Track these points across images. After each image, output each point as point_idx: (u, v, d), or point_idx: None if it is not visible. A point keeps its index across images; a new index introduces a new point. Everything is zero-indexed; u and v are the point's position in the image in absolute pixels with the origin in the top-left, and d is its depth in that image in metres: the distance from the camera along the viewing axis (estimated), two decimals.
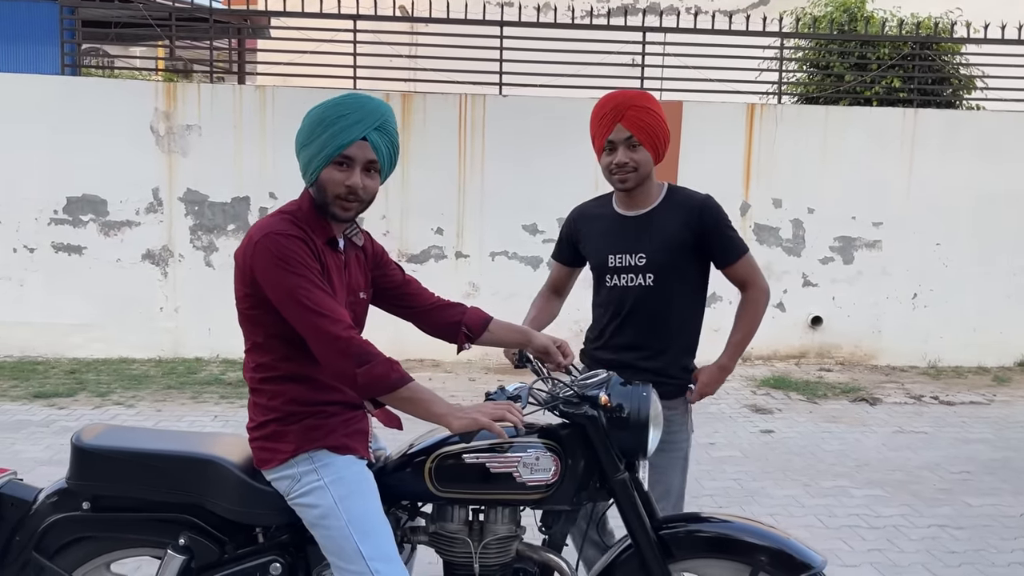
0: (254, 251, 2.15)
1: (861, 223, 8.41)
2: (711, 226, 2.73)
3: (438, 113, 8.03)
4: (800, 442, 5.82)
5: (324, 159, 2.20)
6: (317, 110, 2.23)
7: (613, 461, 2.33)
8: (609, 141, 2.70)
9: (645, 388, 2.40)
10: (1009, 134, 8.39)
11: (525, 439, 2.32)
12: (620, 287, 2.78)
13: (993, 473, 5.24)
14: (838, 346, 8.54)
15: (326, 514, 2.18)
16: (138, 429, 2.62)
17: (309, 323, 2.10)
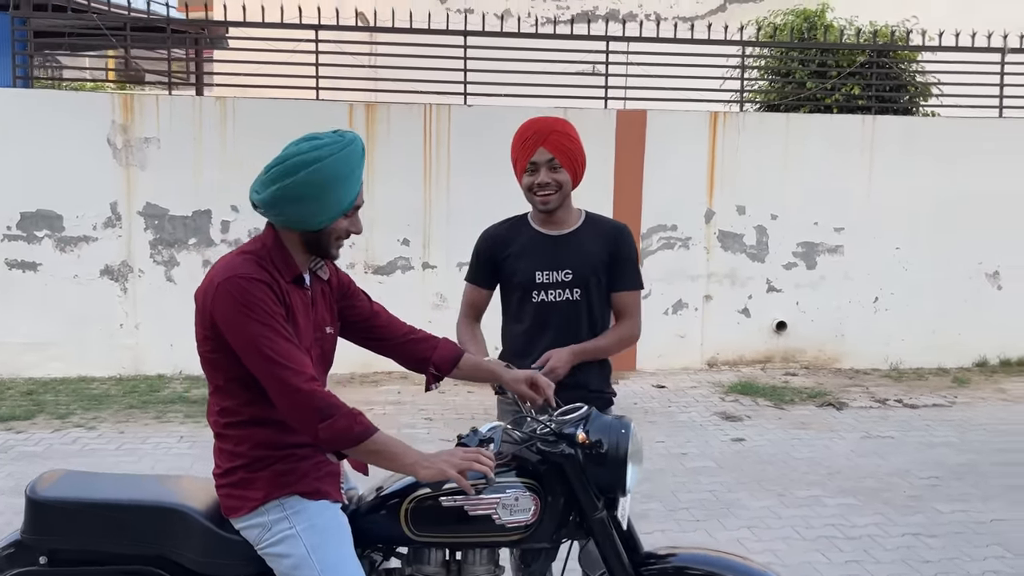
0: (215, 294, 2.08)
1: (823, 229, 8.51)
2: (625, 252, 2.97)
3: (403, 123, 7.97)
4: (771, 450, 5.86)
5: (341, 213, 2.17)
6: (327, 167, 2.10)
7: (591, 500, 2.30)
8: (532, 163, 2.86)
9: (624, 424, 2.37)
10: (965, 140, 8.55)
11: (504, 479, 2.27)
12: (548, 302, 2.93)
13: (961, 478, 5.32)
14: (803, 350, 8.64)
15: (298, 564, 2.12)
16: (98, 475, 2.50)
17: (270, 374, 2.04)
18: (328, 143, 2.14)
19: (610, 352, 2.97)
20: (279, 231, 2.21)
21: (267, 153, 8.65)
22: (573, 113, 8.11)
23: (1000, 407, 7.21)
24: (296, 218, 2.16)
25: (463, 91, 8.20)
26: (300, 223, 2.17)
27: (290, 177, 2.10)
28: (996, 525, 4.56)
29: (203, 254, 7.83)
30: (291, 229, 2.19)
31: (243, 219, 7.83)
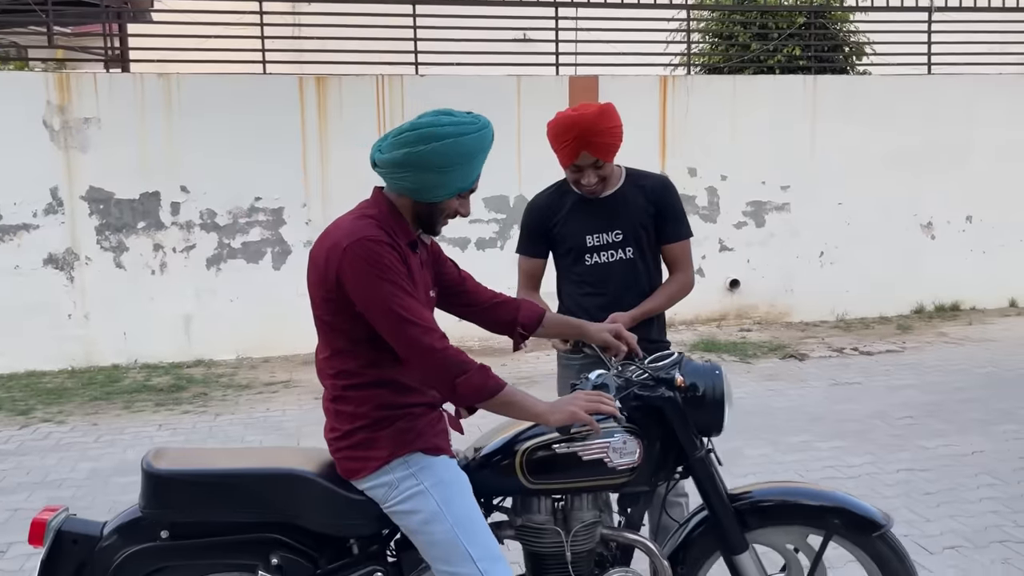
0: (343, 257, 2.05)
1: (771, 187, 8.76)
2: (670, 203, 3.01)
3: (355, 96, 7.81)
4: (751, 402, 6.04)
5: (457, 191, 2.18)
6: (461, 143, 2.09)
7: (691, 440, 2.38)
8: (575, 164, 2.87)
9: (716, 367, 2.46)
10: (898, 97, 8.90)
11: (608, 424, 2.31)
12: (601, 263, 2.97)
13: (933, 416, 5.60)
14: (755, 306, 8.90)
15: (429, 519, 2.12)
16: (204, 449, 2.46)
17: (404, 334, 2.05)
18: (466, 122, 2.12)
19: (668, 307, 3.04)
20: (392, 198, 2.19)
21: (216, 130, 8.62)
22: (526, 80, 8.11)
23: (946, 350, 7.59)
24: (415, 186, 2.14)
25: (414, 61, 8.08)
26: (417, 192, 2.15)
27: (423, 145, 2.07)
28: (979, 456, 4.83)
29: (153, 238, 7.54)
30: (405, 196, 2.17)
31: (194, 200, 7.57)
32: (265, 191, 7.69)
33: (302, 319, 2.59)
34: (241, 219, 7.68)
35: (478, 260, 8.01)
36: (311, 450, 2.31)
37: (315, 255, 2.15)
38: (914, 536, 3.78)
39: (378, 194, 2.23)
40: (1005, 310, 9.31)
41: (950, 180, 9.08)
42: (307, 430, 5.28)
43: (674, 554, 2.48)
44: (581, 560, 2.35)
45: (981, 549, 3.66)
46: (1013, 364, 6.97)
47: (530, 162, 8.03)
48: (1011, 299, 9.43)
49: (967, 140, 9.06)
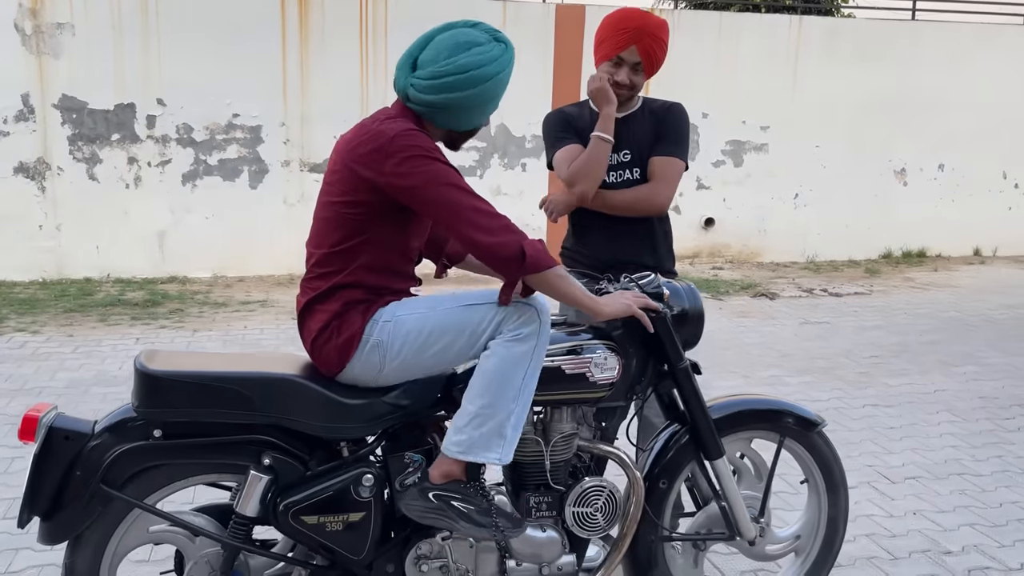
0: (393, 143, 2.08)
1: (750, 127, 8.78)
2: (669, 124, 2.91)
3: (338, 13, 7.65)
4: (724, 336, 6.16)
5: (479, 123, 2.26)
6: (502, 80, 2.17)
7: (678, 352, 2.46)
8: (619, 57, 2.80)
9: (691, 286, 2.56)
10: (881, 41, 8.91)
11: (589, 340, 2.39)
12: (609, 183, 2.90)
13: (898, 356, 5.77)
14: (728, 245, 9.01)
15: (420, 325, 2.18)
16: (198, 353, 2.47)
17: (467, 204, 2.09)
18: (498, 54, 2.16)
19: (623, 206, 2.87)
20: (419, 112, 2.20)
21: (195, 44, 8.50)
22: (511, 7, 7.99)
23: (912, 294, 7.77)
24: (455, 122, 2.21)
25: None
26: (454, 124, 2.22)
27: (470, 89, 2.13)
28: (940, 394, 5.00)
29: (128, 150, 7.41)
30: (423, 115, 2.20)
31: (170, 113, 7.43)
32: (243, 108, 7.55)
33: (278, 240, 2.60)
34: (218, 135, 7.56)
35: None
36: (302, 356, 2.35)
37: (349, 139, 2.18)
38: (877, 467, 3.93)
39: (402, 107, 2.22)
40: (969, 258, 9.51)
41: (926, 128, 9.17)
42: (286, 348, 5.31)
43: (651, 467, 2.58)
44: (558, 469, 2.45)
45: (940, 480, 3.82)
46: (975, 310, 7.16)
47: (514, 91, 7.93)
48: (976, 247, 9.63)
49: (945, 89, 9.12)
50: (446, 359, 2.21)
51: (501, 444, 2.18)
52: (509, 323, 2.17)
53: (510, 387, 2.16)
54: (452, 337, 2.18)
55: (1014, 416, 4.66)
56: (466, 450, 2.17)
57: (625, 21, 2.78)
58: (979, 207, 9.50)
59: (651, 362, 2.52)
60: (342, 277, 2.21)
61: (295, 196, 7.70)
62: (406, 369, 2.21)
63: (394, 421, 2.31)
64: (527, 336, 2.16)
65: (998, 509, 3.55)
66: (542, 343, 2.19)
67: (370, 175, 2.11)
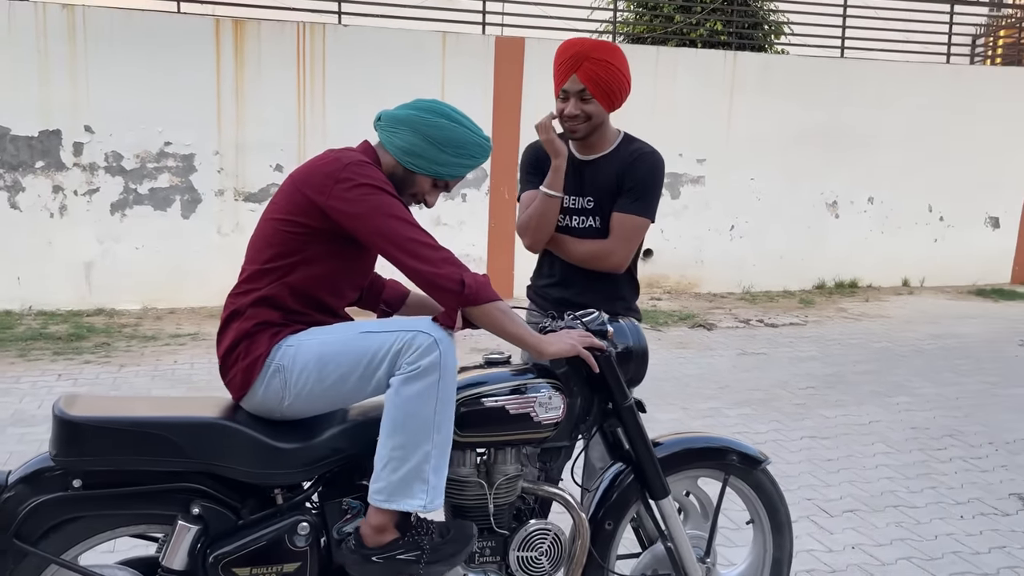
0: (343, 170, 2.10)
1: (687, 160, 8.91)
2: (634, 175, 2.72)
3: (274, 43, 7.55)
4: (662, 369, 6.18)
5: (438, 174, 2.27)
6: (472, 137, 2.26)
7: (623, 390, 2.43)
8: (564, 90, 2.69)
9: (635, 324, 2.55)
10: (812, 78, 9.16)
11: (533, 379, 2.35)
12: (571, 227, 2.82)
13: (833, 387, 5.85)
14: (666, 276, 9.09)
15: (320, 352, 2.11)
16: (121, 397, 2.35)
17: (409, 236, 2.07)
18: (478, 128, 2.31)
19: (577, 259, 2.78)
20: (380, 153, 2.26)
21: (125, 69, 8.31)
22: (451, 38, 8.00)
23: (845, 324, 7.93)
24: (406, 146, 2.23)
25: (338, 10, 7.85)
26: (404, 152, 2.24)
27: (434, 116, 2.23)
28: (874, 425, 5.07)
29: (53, 178, 7.17)
30: (390, 156, 2.25)
31: (99, 141, 7.22)
32: (176, 136, 7.38)
33: (211, 271, 2.53)
34: (149, 164, 7.36)
35: None
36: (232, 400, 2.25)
37: (301, 170, 2.19)
38: (816, 500, 3.95)
39: (367, 145, 2.29)
40: (899, 288, 9.77)
41: (856, 162, 9.42)
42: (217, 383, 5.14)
43: (597, 508, 2.54)
44: (502, 513, 2.39)
45: (877, 512, 3.85)
46: (905, 340, 7.33)
47: None
48: (904, 278, 9.90)
49: (874, 125, 9.40)
50: (344, 391, 2.12)
51: (424, 489, 2.09)
52: (407, 355, 2.07)
53: (420, 426, 2.07)
54: (348, 367, 2.09)
55: (945, 447, 4.75)
56: (388, 498, 2.09)
57: (562, 51, 2.70)
58: (907, 239, 9.78)
59: (596, 401, 2.48)
60: (264, 292, 2.15)
61: (229, 226, 7.53)
62: (310, 401, 2.13)
63: (331, 466, 2.22)
64: (427, 369, 2.05)
65: (933, 542, 3.59)
66: (447, 374, 2.09)
67: (316, 197, 2.10)
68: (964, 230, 9.97)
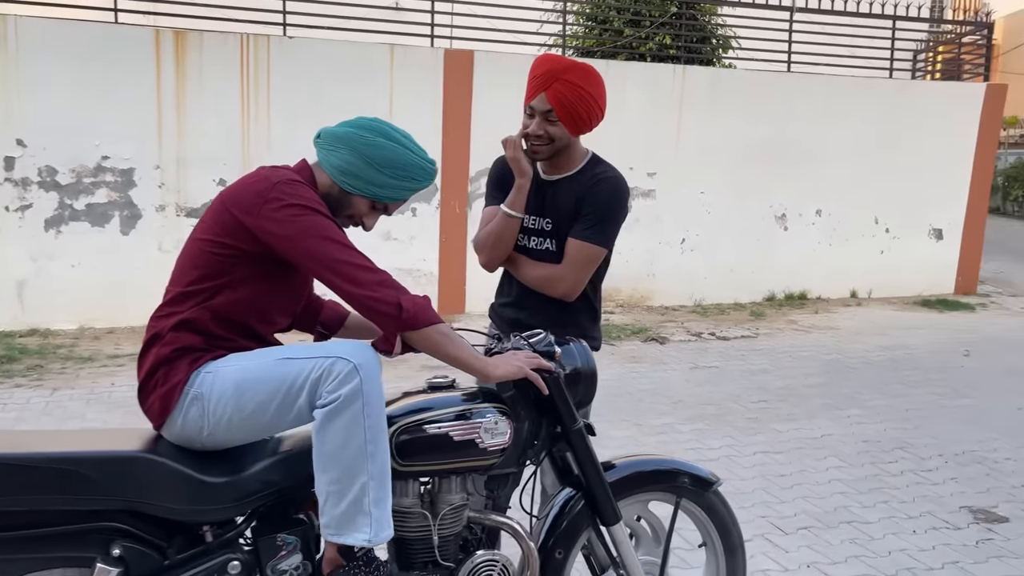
0: (272, 188, 2.00)
1: (638, 174, 8.90)
2: (592, 201, 2.60)
3: (217, 55, 7.36)
4: (615, 384, 6.11)
5: (376, 196, 2.17)
6: (413, 158, 2.17)
7: (572, 413, 2.35)
8: (530, 107, 2.60)
9: (583, 345, 2.47)
10: (760, 91, 9.23)
11: (478, 404, 2.26)
12: (529, 248, 2.73)
13: (785, 400, 5.84)
14: (618, 289, 9.05)
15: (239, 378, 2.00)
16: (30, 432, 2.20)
17: (343, 258, 1.98)
18: (420, 150, 2.22)
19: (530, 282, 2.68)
20: (317, 173, 2.18)
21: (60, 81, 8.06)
22: (399, 50, 7.90)
23: (795, 336, 7.96)
24: (343, 164, 2.14)
25: (283, 22, 7.70)
26: (340, 172, 2.14)
27: (373, 134, 2.13)
28: (826, 439, 5.06)
29: None
30: (327, 175, 2.16)
31: (31, 155, 6.96)
32: (114, 150, 7.14)
33: (152, 288, 2.40)
34: (86, 179, 7.11)
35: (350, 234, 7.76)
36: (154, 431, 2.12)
37: (231, 189, 2.08)
38: (771, 518, 3.91)
39: (304, 164, 2.20)
40: (847, 300, 9.86)
41: (804, 175, 9.51)
42: None
43: (546, 536, 2.45)
44: (447, 544, 2.29)
45: (831, 529, 3.82)
46: (855, 352, 7.37)
47: None
48: (852, 290, 10.00)
49: (821, 138, 9.49)
50: (264, 421, 2.01)
51: (367, 523, 1.98)
52: (326, 383, 1.96)
53: (352, 459, 1.96)
54: (266, 395, 1.98)
55: (896, 459, 4.75)
56: (335, 532, 2.00)
57: (536, 66, 2.60)
58: (854, 251, 9.88)
59: (544, 424, 2.40)
60: (186, 316, 2.04)
61: (171, 243, 7.30)
62: (230, 431, 2.01)
63: (264, 500, 2.10)
64: (348, 397, 1.94)
65: (887, 558, 3.56)
66: (372, 401, 1.97)
67: (245, 218, 2.00)
68: (909, 242, 10.12)
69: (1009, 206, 23.04)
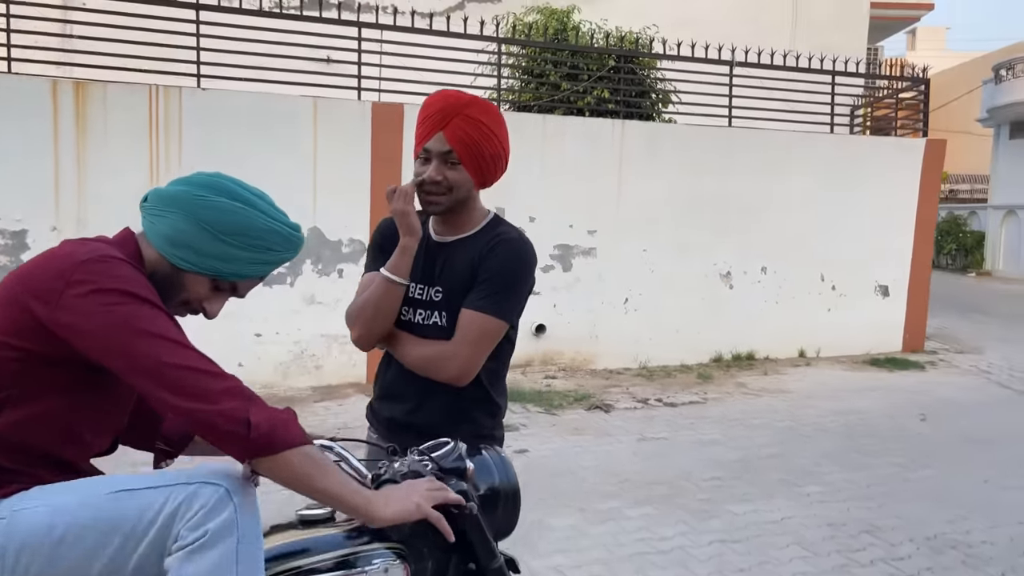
0: (77, 269, 1.50)
1: (578, 231, 8.53)
2: (489, 266, 2.14)
3: (123, 107, 6.81)
4: (557, 461, 5.61)
5: (217, 273, 1.68)
6: (267, 223, 1.70)
7: (490, 549, 1.86)
8: (425, 149, 2.15)
9: (501, 455, 1.99)
10: (701, 146, 8.98)
11: (366, 546, 1.74)
12: (416, 323, 2.22)
13: (739, 477, 5.39)
14: (560, 352, 8.60)
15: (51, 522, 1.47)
16: None
17: (172, 361, 1.48)
18: (274, 211, 1.74)
19: (413, 365, 2.16)
20: (143, 246, 1.68)
21: None
22: (324, 103, 7.45)
23: (746, 401, 7.57)
24: (171, 234, 1.65)
25: (196, 73, 7.20)
26: (169, 243, 1.66)
27: (211, 193, 1.67)
28: (787, 523, 4.61)
29: None
30: (153, 249, 1.67)
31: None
32: (4, 209, 6.51)
33: None
34: None
35: (265, 299, 7.19)
36: None
37: (20, 270, 1.57)
38: None
39: (128, 234, 1.69)
40: (795, 360, 9.55)
41: (748, 231, 9.24)
42: None
43: None
44: None
45: None
46: (808, 418, 7.00)
47: (327, 191, 7.36)
48: (800, 349, 9.70)
49: (763, 194, 9.26)
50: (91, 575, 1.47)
51: None
52: (187, 518, 1.46)
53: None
54: (94, 543, 1.46)
55: (864, 546, 4.31)
56: None
57: (429, 104, 2.16)
58: (801, 309, 9.61)
59: (454, 561, 1.88)
60: None
61: None
62: None
63: None
64: (218, 532, 1.46)
65: None
66: (248, 537, 1.49)
67: (39, 309, 1.49)
68: (856, 299, 9.89)
69: (943, 260, 23.42)
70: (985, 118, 22.94)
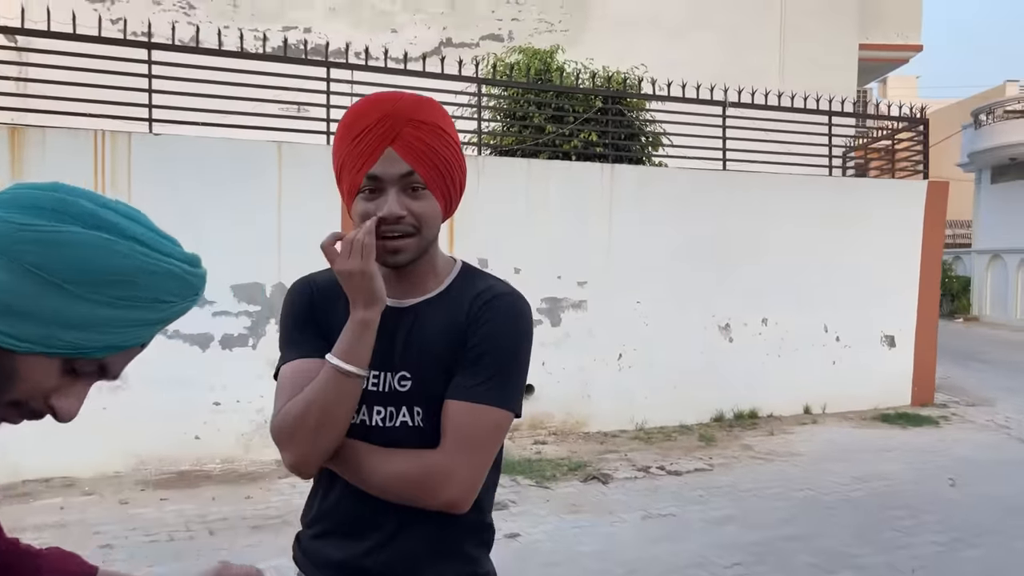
0: None
1: (566, 283, 7.92)
2: (489, 329, 1.51)
3: (64, 154, 6.16)
4: (552, 547, 4.91)
5: (71, 350, 0.96)
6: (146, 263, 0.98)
7: None
8: (371, 177, 1.47)
9: None
10: (695, 190, 8.45)
11: None
12: (372, 427, 1.52)
13: (763, 562, 4.72)
14: (551, 415, 7.92)
15: None
16: None
17: None
18: (161, 239, 1.02)
19: (384, 491, 1.47)
20: None
21: None
22: (288, 148, 6.85)
23: (755, 467, 6.90)
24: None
25: (148, 117, 6.58)
26: None
27: (60, 222, 0.94)
28: None
29: None
30: None
31: None
32: None
33: None
34: None
35: (224, 362, 6.50)
36: None
37: None
38: None
39: None
40: (801, 417, 8.91)
41: (746, 279, 8.67)
42: None
43: None
44: None
45: None
46: (827, 485, 6.33)
47: (292, 243, 6.71)
48: (805, 405, 9.07)
49: (761, 241, 8.73)
50: None
51: None
52: None
53: None
54: None
55: None
56: None
57: (359, 115, 1.49)
58: (805, 362, 9.01)
59: None
60: None
61: None
62: None
63: None
64: None
65: None
66: None
67: None
68: (861, 351, 9.31)
69: None
70: (966, 163, 22.75)
